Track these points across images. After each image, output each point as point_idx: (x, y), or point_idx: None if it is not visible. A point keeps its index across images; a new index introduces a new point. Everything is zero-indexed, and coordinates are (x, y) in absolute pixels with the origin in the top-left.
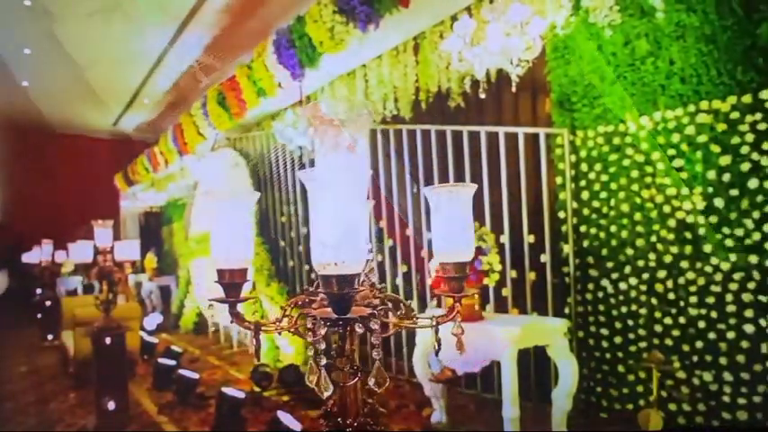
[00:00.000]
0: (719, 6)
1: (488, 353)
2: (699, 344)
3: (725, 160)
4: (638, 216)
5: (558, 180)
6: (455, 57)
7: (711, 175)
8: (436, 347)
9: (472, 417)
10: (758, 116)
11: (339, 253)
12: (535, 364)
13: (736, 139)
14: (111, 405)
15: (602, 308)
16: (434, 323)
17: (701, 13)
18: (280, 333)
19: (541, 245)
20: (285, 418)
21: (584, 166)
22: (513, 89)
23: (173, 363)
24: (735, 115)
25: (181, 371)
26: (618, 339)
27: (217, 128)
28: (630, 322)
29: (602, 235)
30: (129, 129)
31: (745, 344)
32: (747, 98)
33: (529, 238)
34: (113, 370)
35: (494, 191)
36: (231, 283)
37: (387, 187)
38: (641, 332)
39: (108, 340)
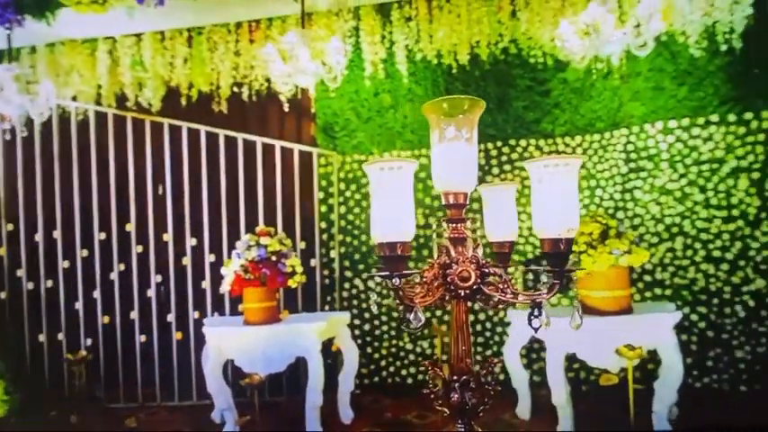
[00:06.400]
0: (435, 86)
1: (295, 350)
2: None
3: (436, 191)
4: None
5: (321, 195)
6: (272, 66)
7: (427, 200)
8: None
9: (274, 422)
10: None
11: (568, 221)
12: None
13: None
14: None
15: (355, 302)
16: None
17: (424, 87)
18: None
19: (311, 250)
20: None
21: (342, 185)
22: (313, 110)
23: None
24: None
25: None
26: (367, 327)
27: None
28: (376, 311)
29: (355, 243)
30: None
31: (481, 316)
32: None
33: (300, 245)
34: None
35: (268, 200)
36: (395, 256)
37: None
38: (384, 318)
39: None
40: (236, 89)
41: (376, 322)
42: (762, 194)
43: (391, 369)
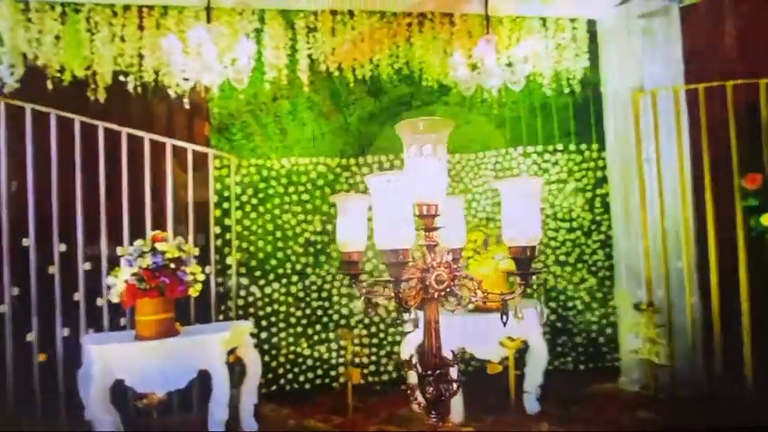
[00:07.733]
0: (333, 98)
1: (197, 364)
2: (318, 327)
3: (334, 199)
4: (278, 234)
5: (216, 199)
6: (175, 60)
7: (325, 208)
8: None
9: None
10: (349, 173)
11: (531, 232)
12: None
13: (341, 186)
14: None
15: (251, 310)
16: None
17: (323, 97)
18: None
19: (206, 257)
20: None
21: (238, 189)
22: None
23: None
24: (338, 170)
25: None
26: (264, 335)
27: None
28: (273, 319)
29: (252, 249)
30: None
31: (352, 322)
32: (344, 161)
33: (194, 251)
34: None
35: (157, 202)
36: (398, 262)
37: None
38: (281, 325)
39: None
40: (122, 78)
41: (273, 329)
42: (593, 210)
43: (289, 376)
